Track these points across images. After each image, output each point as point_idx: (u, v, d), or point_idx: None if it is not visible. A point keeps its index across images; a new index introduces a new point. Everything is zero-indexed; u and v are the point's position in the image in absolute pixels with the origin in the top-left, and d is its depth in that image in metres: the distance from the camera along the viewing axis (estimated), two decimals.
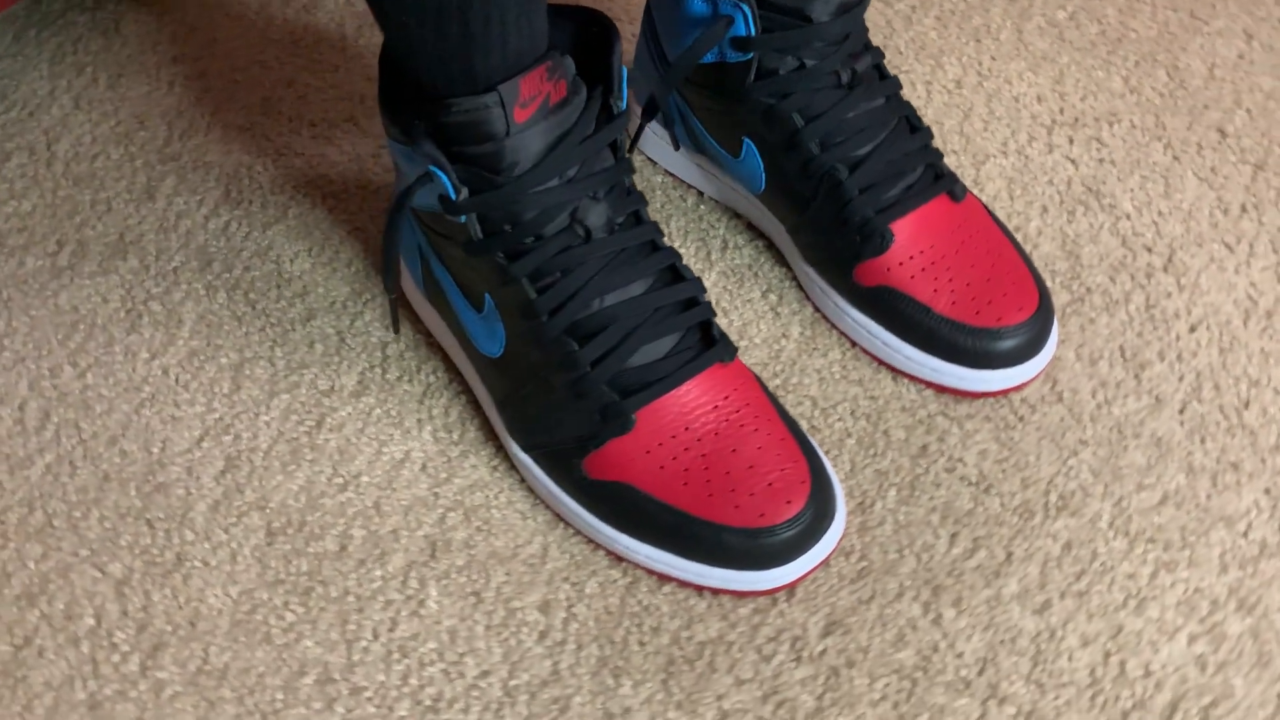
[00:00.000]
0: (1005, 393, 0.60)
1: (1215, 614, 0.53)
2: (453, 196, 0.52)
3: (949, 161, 0.71)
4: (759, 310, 0.65)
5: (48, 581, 0.55)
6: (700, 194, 0.70)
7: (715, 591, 0.54)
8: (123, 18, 0.81)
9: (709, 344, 0.55)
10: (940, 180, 0.62)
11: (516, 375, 0.56)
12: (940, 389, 0.61)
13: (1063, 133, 0.73)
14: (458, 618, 0.53)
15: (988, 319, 0.59)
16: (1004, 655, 0.52)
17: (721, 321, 0.63)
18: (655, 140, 0.70)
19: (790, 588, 0.54)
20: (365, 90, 0.76)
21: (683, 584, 0.54)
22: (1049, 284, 0.65)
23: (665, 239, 0.66)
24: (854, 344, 0.63)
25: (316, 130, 0.74)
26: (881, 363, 0.62)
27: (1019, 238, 0.67)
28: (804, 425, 0.59)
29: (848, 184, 0.61)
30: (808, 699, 0.51)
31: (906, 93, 0.74)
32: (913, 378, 0.61)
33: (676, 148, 0.67)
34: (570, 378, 0.54)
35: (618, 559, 0.55)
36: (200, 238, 0.68)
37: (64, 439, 0.60)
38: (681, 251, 0.66)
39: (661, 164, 0.71)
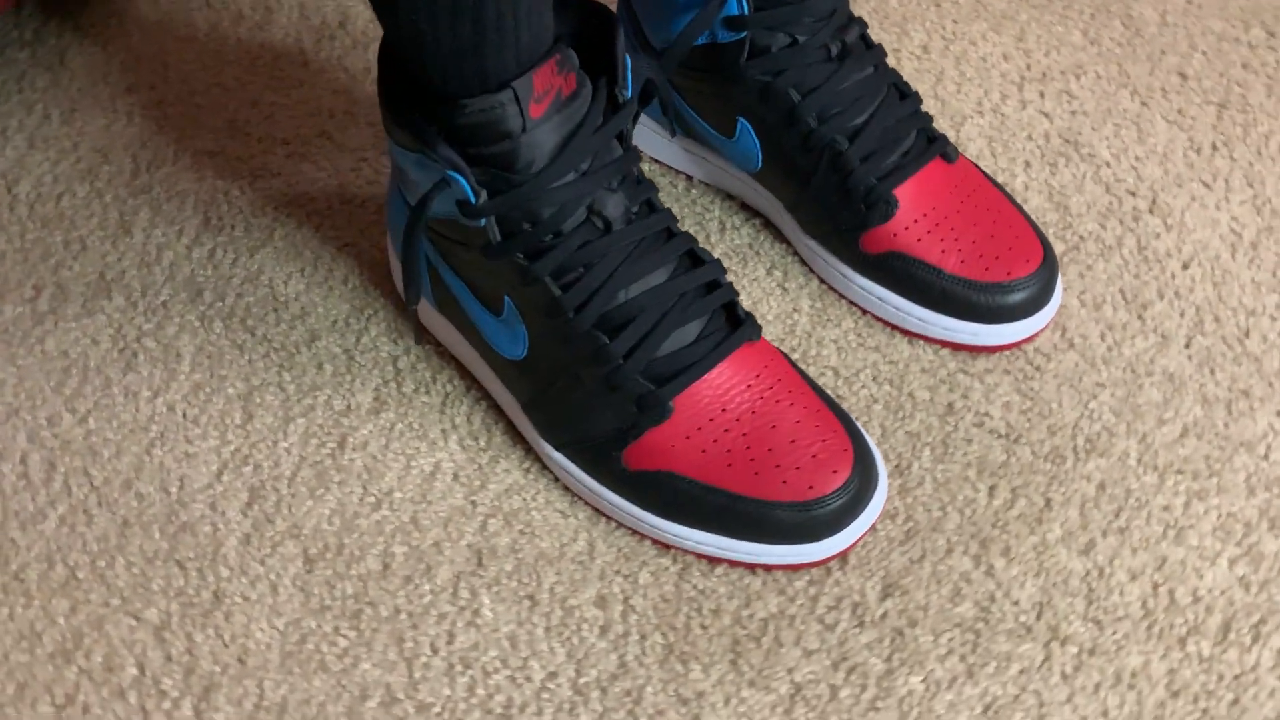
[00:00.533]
0: (1019, 344, 0.62)
1: (1250, 536, 0.55)
2: (473, 200, 0.51)
3: None
4: (766, 288, 0.65)
5: (81, 635, 0.53)
6: (689, 179, 0.70)
7: (769, 568, 0.54)
8: (66, 50, 0.79)
9: (735, 324, 0.55)
10: (934, 144, 0.63)
11: (543, 375, 0.56)
12: (956, 347, 0.62)
13: (1033, 88, 0.75)
14: (515, 623, 0.53)
15: (998, 274, 0.60)
16: (1058, 597, 0.53)
17: None
18: (639, 129, 0.70)
19: (842, 556, 0.54)
20: (334, 104, 0.75)
21: (734, 564, 0.54)
22: None
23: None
24: (865, 312, 0.64)
25: (290, 148, 0.73)
26: (894, 327, 0.63)
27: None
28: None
29: (849, 154, 0.61)
30: (876, 662, 0.51)
31: None
32: (928, 339, 0.62)
33: (674, 134, 0.67)
34: (603, 372, 0.54)
35: (665, 547, 0.55)
36: (186, 269, 0.67)
37: (74, 488, 0.58)
38: None
39: (647, 152, 0.71)
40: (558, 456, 0.57)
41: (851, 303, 0.64)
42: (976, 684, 0.50)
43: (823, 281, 0.65)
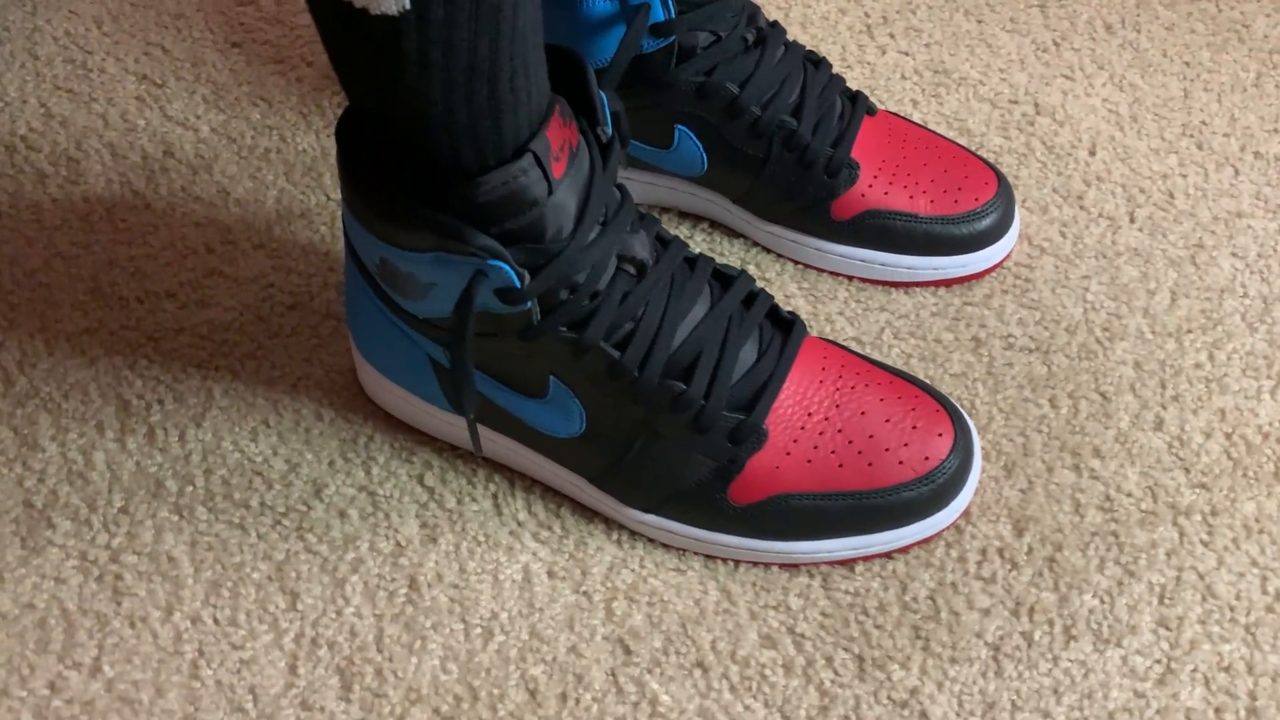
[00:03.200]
0: (1001, 264, 0.64)
1: (1273, 365, 0.60)
2: (518, 284, 0.47)
3: None
4: None
5: None
6: None
7: (905, 550, 0.53)
8: None
9: (786, 327, 0.54)
10: (857, 101, 0.64)
11: (614, 442, 0.52)
12: (950, 283, 0.63)
13: (882, 32, 0.78)
14: (698, 696, 0.49)
15: (967, 203, 0.62)
16: (1160, 476, 0.55)
17: None
18: None
19: (966, 513, 0.54)
20: (206, 238, 0.67)
21: (868, 558, 0.53)
22: None
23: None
24: (851, 278, 0.64)
25: (179, 299, 0.64)
26: (887, 284, 0.64)
27: None
28: None
29: (801, 131, 0.61)
30: (1048, 595, 0.52)
31: None
32: (922, 284, 0.63)
33: (626, 164, 0.64)
34: (687, 417, 0.51)
35: (795, 566, 0.53)
36: (129, 464, 0.57)
37: None
38: None
39: None
40: (651, 519, 0.53)
41: (834, 274, 0.64)
42: (1139, 579, 0.52)
43: (797, 262, 0.65)
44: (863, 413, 0.53)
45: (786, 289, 0.64)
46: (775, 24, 0.63)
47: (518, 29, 0.43)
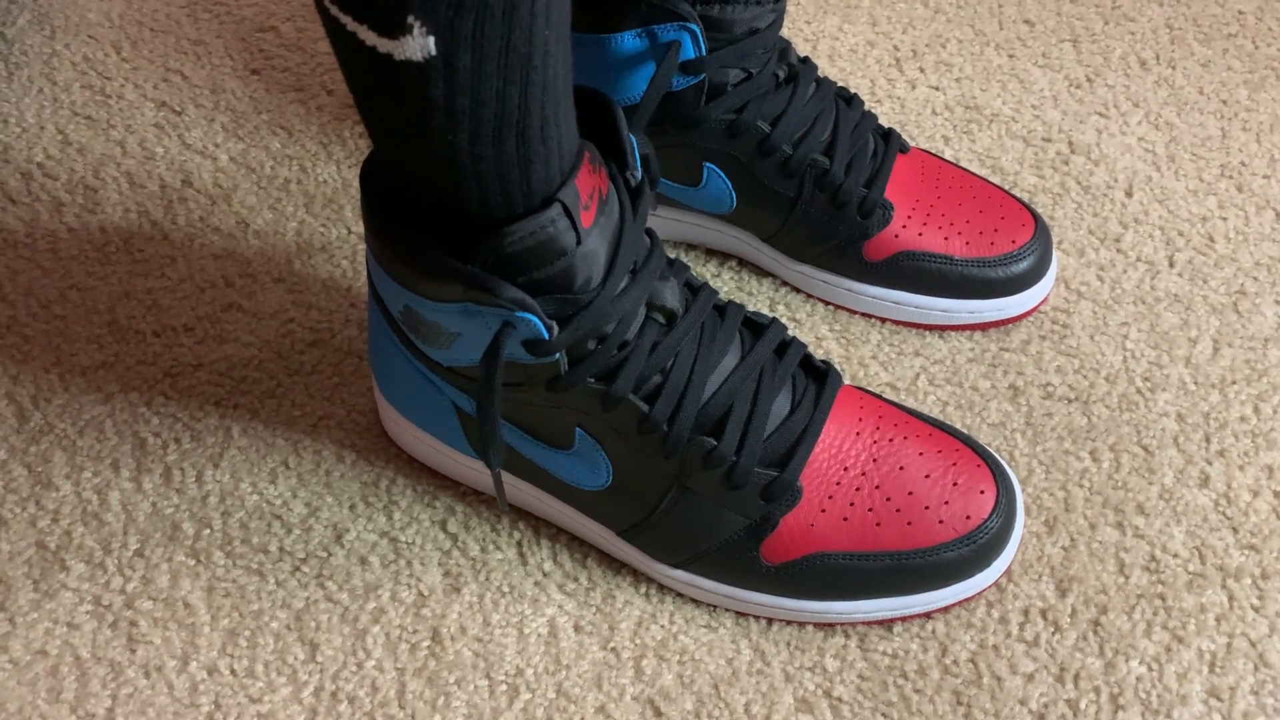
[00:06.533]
0: (1038, 308, 0.62)
1: None
2: (546, 336, 0.46)
3: None
4: None
5: None
6: None
7: (944, 609, 0.51)
8: None
9: (821, 377, 0.52)
10: (890, 139, 0.63)
11: (642, 497, 0.51)
12: (985, 326, 0.62)
13: (911, 66, 0.76)
14: None
15: (1003, 245, 0.61)
16: (1207, 535, 0.54)
17: None
18: None
19: (1007, 571, 0.52)
20: (225, 271, 0.66)
21: (907, 618, 0.51)
22: None
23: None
24: (884, 320, 0.62)
25: (197, 334, 0.63)
26: (921, 326, 0.62)
27: None
28: None
29: (834, 170, 0.60)
30: (1093, 661, 0.50)
31: None
32: (957, 327, 0.62)
33: (655, 204, 0.63)
34: (719, 474, 0.49)
35: (830, 626, 0.52)
36: (144, 505, 0.56)
37: None
38: None
39: None
40: (680, 574, 0.52)
41: (866, 315, 0.63)
42: (1188, 646, 0.50)
43: (828, 303, 0.63)
44: (901, 467, 0.51)
45: (817, 330, 0.62)
46: (806, 60, 0.62)
47: (548, 78, 0.42)
